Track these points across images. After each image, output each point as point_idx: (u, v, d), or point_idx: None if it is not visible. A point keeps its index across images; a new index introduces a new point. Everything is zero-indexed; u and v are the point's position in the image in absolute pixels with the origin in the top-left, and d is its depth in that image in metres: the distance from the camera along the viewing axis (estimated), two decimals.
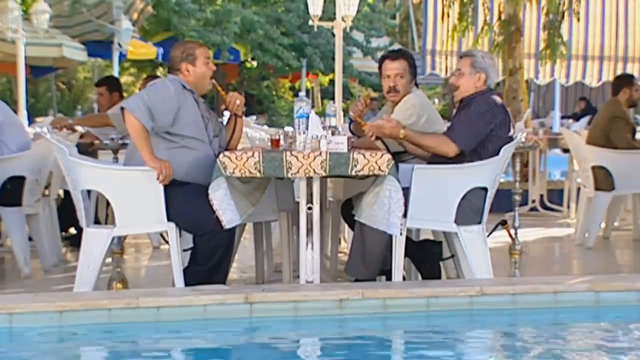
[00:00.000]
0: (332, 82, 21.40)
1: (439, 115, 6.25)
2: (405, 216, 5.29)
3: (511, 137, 5.60)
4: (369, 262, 5.45)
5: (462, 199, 5.45)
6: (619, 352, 4.64)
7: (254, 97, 27.60)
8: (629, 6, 13.72)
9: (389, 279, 5.47)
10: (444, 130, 5.85)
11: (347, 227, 6.29)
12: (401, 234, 5.30)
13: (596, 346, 4.79)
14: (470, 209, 5.49)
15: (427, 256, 5.76)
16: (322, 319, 5.01)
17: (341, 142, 5.26)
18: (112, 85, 8.43)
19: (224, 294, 5.01)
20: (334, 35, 10.98)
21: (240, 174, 5.21)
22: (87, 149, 7.11)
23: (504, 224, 5.92)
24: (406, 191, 5.29)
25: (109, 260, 5.78)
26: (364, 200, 5.42)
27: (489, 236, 5.63)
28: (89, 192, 5.68)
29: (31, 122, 13.49)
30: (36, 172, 6.56)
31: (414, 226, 5.57)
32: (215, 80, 5.67)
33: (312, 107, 5.80)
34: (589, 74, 14.03)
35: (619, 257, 7.91)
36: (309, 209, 5.30)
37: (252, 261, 6.25)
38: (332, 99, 11.30)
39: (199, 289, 5.12)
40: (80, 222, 5.56)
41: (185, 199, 5.33)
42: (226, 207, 5.20)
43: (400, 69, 5.94)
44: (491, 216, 5.67)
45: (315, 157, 5.17)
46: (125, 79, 26.53)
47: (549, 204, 10.27)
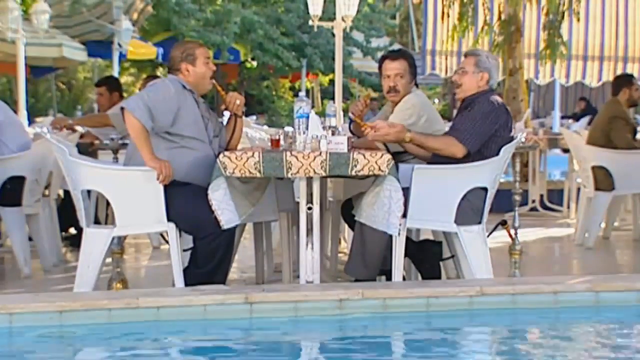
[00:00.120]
0: (332, 82, 21.40)
1: (439, 115, 6.24)
2: (405, 216, 5.29)
3: (512, 137, 5.60)
4: (369, 262, 5.44)
5: (462, 199, 5.45)
6: (619, 352, 4.64)
7: (254, 97, 27.60)
8: (629, 6, 13.73)
9: (389, 279, 5.47)
10: (444, 130, 5.86)
11: (347, 227, 6.29)
12: (401, 234, 5.30)
13: (596, 346, 4.78)
14: (470, 209, 5.49)
15: (427, 256, 5.76)
16: (322, 319, 5.00)
17: (341, 142, 5.26)
18: (112, 85, 8.44)
19: (224, 294, 5.01)
20: (334, 35, 10.97)
21: (240, 174, 5.21)
22: (87, 149, 7.11)
23: (504, 224, 5.92)
24: (406, 191, 5.28)
25: (109, 260, 5.78)
26: (364, 200, 5.41)
27: (489, 236, 5.63)
28: (89, 192, 5.67)
29: (31, 122, 13.49)
30: (36, 172, 6.56)
31: (414, 226, 5.57)
32: (215, 80, 5.68)
33: (312, 107, 5.80)
34: (589, 74, 14.03)
35: (619, 257, 7.90)
36: (309, 209, 5.29)
37: (252, 261, 6.25)
38: (332, 99, 11.30)
39: (199, 289, 5.12)
40: (80, 222, 5.56)
41: (185, 199, 5.33)
42: (225, 208, 5.20)
43: (400, 69, 5.94)
44: (491, 216, 5.66)
45: (315, 157, 5.17)
46: (125, 79, 26.53)
47: (549, 204, 10.27)
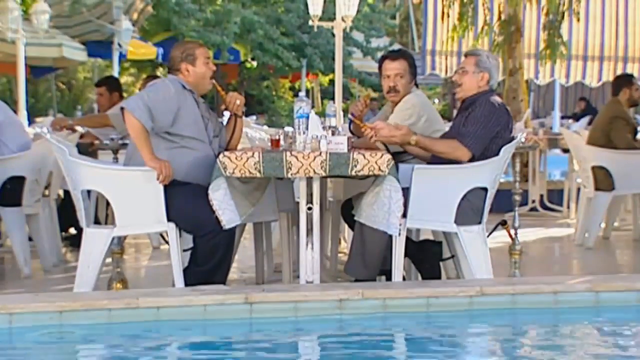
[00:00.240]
0: (332, 82, 21.40)
1: (439, 115, 6.24)
2: (405, 216, 5.29)
3: (512, 137, 5.60)
4: (369, 262, 5.44)
5: (462, 199, 5.45)
6: (619, 352, 4.63)
7: (254, 97, 27.60)
8: (629, 6, 13.73)
9: (389, 279, 5.47)
10: (444, 130, 5.86)
11: (347, 227, 6.29)
12: (401, 234, 5.30)
13: (596, 346, 4.78)
14: (470, 209, 5.49)
15: (427, 256, 5.76)
16: (322, 319, 5.00)
17: (341, 142, 5.26)
18: (112, 85, 8.44)
19: (224, 294, 5.01)
20: (334, 35, 10.96)
21: (240, 174, 5.21)
22: (87, 149, 7.11)
23: (504, 224, 5.92)
24: (406, 191, 5.28)
25: (109, 260, 5.78)
26: (363, 200, 5.41)
27: (489, 236, 5.63)
28: (89, 192, 5.68)
29: (31, 122, 13.49)
30: (36, 172, 6.56)
31: (413, 226, 5.57)
32: (215, 80, 5.68)
33: (312, 107, 5.79)
34: (589, 74, 14.04)
35: (619, 257, 7.90)
36: (309, 209, 5.29)
37: (252, 261, 6.25)
38: (332, 99, 11.29)
39: (199, 289, 5.12)
40: (80, 222, 5.56)
41: (185, 199, 5.33)
42: (226, 207, 5.20)
43: (400, 69, 5.94)
44: (491, 216, 5.66)
45: (315, 157, 5.17)
46: (125, 79, 26.54)
47: (549, 204, 10.27)
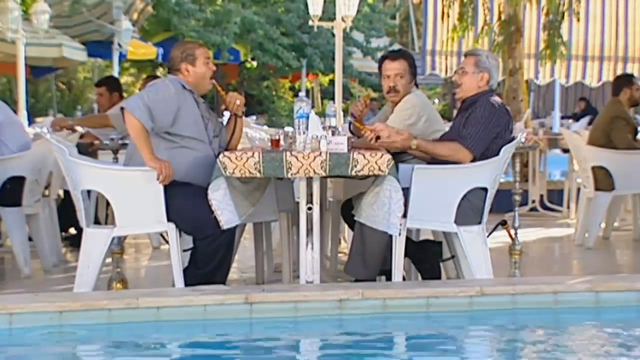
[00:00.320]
0: (332, 82, 21.40)
1: (439, 115, 6.24)
2: (405, 216, 5.29)
3: (512, 137, 5.59)
4: (369, 262, 5.44)
5: (462, 199, 5.45)
6: (619, 352, 4.63)
7: (254, 98, 27.60)
8: (629, 6, 13.72)
9: (389, 279, 5.46)
10: (445, 130, 5.86)
11: (347, 227, 6.29)
12: (401, 234, 5.30)
13: (596, 346, 4.78)
14: (470, 209, 5.49)
15: (427, 256, 5.76)
16: (322, 319, 5.00)
17: (341, 143, 5.26)
18: (112, 85, 8.44)
19: (224, 294, 5.01)
20: (334, 35, 10.96)
21: (240, 174, 5.21)
22: (87, 149, 7.11)
23: (504, 224, 5.92)
24: (406, 191, 5.28)
25: (109, 260, 5.78)
26: (363, 200, 5.41)
27: (489, 236, 5.63)
28: (89, 192, 5.68)
29: (31, 122, 13.48)
30: (36, 172, 6.57)
31: (414, 226, 5.57)
32: (215, 80, 5.68)
33: (312, 107, 5.79)
34: (588, 74, 14.03)
35: (619, 257, 7.90)
36: (309, 209, 5.29)
37: (252, 261, 6.25)
38: (332, 99, 11.28)
39: (199, 289, 5.12)
40: (80, 222, 5.56)
41: (185, 199, 5.33)
42: (225, 208, 5.20)
43: (400, 69, 5.93)
44: (491, 216, 5.66)
45: (315, 158, 5.17)
46: (125, 79, 26.54)
47: (549, 204, 10.27)
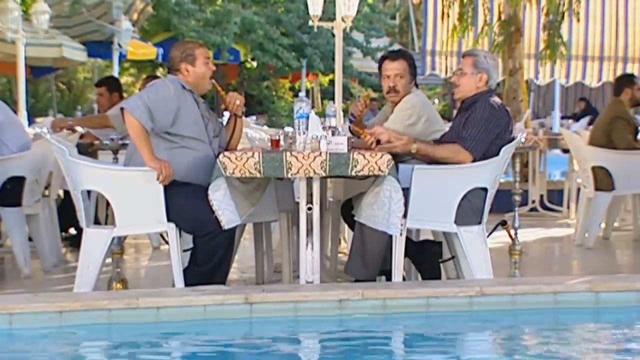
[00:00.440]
0: (332, 82, 21.40)
1: (439, 115, 6.24)
2: (405, 216, 5.29)
3: (512, 137, 5.59)
4: (369, 262, 5.44)
5: (462, 199, 5.45)
6: (619, 352, 4.63)
7: (253, 98, 27.60)
8: (629, 6, 13.72)
9: (389, 279, 5.46)
10: (445, 130, 5.86)
11: (347, 227, 6.29)
12: (401, 235, 5.30)
13: (596, 346, 4.78)
14: (470, 209, 5.49)
15: (427, 256, 5.76)
16: (322, 319, 5.00)
17: (341, 143, 5.26)
18: (112, 85, 8.44)
19: (224, 295, 5.01)
20: (334, 35, 10.96)
21: (240, 175, 5.21)
22: (87, 149, 7.11)
23: (504, 224, 5.92)
24: (406, 191, 5.28)
25: (109, 260, 5.78)
26: (363, 200, 5.41)
27: (488, 236, 5.63)
28: (89, 192, 5.68)
29: (31, 122, 13.48)
30: (36, 173, 6.56)
31: (414, 226, 5.57)
32: (215, 80, 5.67)
33: (312, 107, 5.79)
34: (588, 74, 14.03)
35: (619, 257, 7.90)
36: (309, 209, 5.29)
37: (252, 261, 6.25)
38: (332, 99, 11.28)
39: (199, 289, 5.12)
40: (80, 222, 5.56)
41: (185, 199, 5.33)
42: (225, 208, 5.20)
43: (400, 69, 5.93)
44: (491, 216, 5.66)
45: (315, 158, 5.17)
46: (125, 80, 26.53)
47: (549, 205, 10.27)
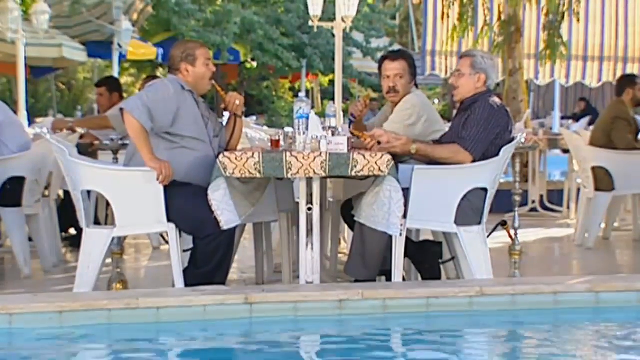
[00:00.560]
0: (332, 82, 21.41)
1: (439, 115, 6.24)
2: (405, 217, 5.29)
3: (512, 137, 5.59)
4: (369, 262, 5.44)
5: (462, 199, 5.45)
6: (619, 352, 4.64)
7: (253, 98, 27.60)
8: (629, 6, 13.72)
9: (389, 279, 5.46)
10: (445, 130, 5.86)
11: (347, 227, 6.29)
12: (401, 235, 5.30)
13: (596, 346, 4.78)
14: (470, 210, 5.49)
15: (427, 256, 5.76)
16: (322, 319, 5.00)
17: (341, 143, 5.26)
18: (112, 85, 8.44)
19: (224, 295, 5.01)
20: (333, 35, 10.95)
21: (240, 175, 5.21)
22: (87, 150, 7.11)
23: (504, 224, 5.92)
24: (406, 191, 5.28)
25: (109, 260, 5.78)
26: (363, 200, 5.41)
27: (488, 236, 5.63)
28: (89, 192, 5.67)
29: (31, 122, 13.48)
30: (36, 173, 6.56)
31: (414, 226, 5.57)
32: (215, 81, 5.67)
33: (312, 107, 5.80)
34: (588, 74, 14.03)
35: (619, 257, 7.90)
36: (309, 209, 5.29)
37: (252, 261, 6.25)
38: (332, 99, 11.27)
39: (199, 290, 5.12)
40: (80, 222, 5.56)
41: (185, 199, 5.33)
42: (225, 208, 5.20)
43: (399, 69, 5.94)
44: (491, 216, 5.66)
45: (315, 158, 5.17)
46: (125, 80, 26.54)
47: (549, 205, 10.27)
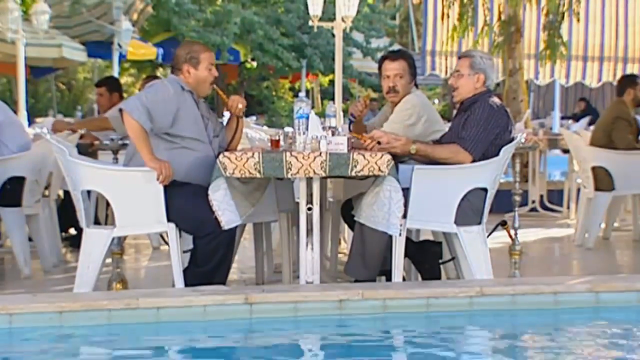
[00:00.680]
0: (332, 82, 21.41)
1: (439, 115, 6.24)
2: (405, 217, 5.29)
3: (512, 138, 5.60)
4: (369, 262, 5.44)
5: (462, 199, 5.45)
6: (619, 352, 4.64)
7: (253, 98, 27.59)
8: (629, 6, 13.73)
9: (389, 279, 5.46)
10: (445, 130, 5.86)
11: (347, 227, 6.29)
12: (401, 235, 5.30)
13: (596, 347, 4.78)
14: (470, 210, 5.49)
15: (427, 256, 5.76)
16: (322, 319, 5.00)
17: (341, 143, 5.26)
18: (112, 85, 8.44)
19: (224, 295, 5.01)
20: (333, 35, 10.96)
21: (240, 175, 5.21)
22: (87, 150, 7.11)
23: (503, 224, 5.92)
24: (406, 192, 5.28)
25: (109, 260, 5.78)
26: (363, 200, 5.41)
27: (488, 237, 5.63)
28: (89, 192, 5.67)
29: (31, 122, 13.48)
30: (36, 173, 6.56)
31: (413, 227, 5.57)
32: (216, 85, 5.64)
33: (312, 107, 5.80)
34: (588, 74, 14.03)
35: (619, 257, 7.90)
36: (309, 209, 5.29)
37: (252, 261, 6.25)
38: (332, 99, 11.29)
39: (199, 290, 5.12)
40: (80, 222, 5.56)
41: (185, 199, 5.33)
42: (225, 208, 5.20)
43: (399, 69, 5.94)
44: (491, 217, 5.66)
45: (315, 158, 5.17)
46: (125, 80, 26.54)
47: (549, 205, 10.27)
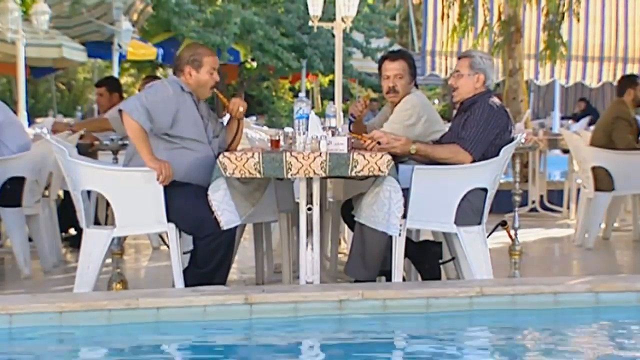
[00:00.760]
0: (332, 82, 21.41)
1: (439, 115, 6.24)
2: (405, 217, 5.29)
3: (512, 138, 5.60)
4: (369, 262, 5.44)
5: (462, 199, 5.45)
6: (619, 352, 4.64)
7: (253, 98, 27.58)
8: (629, 6, 13.73)
9: (389, 279, 5.47)
10: (444, 130, 5.86)
11: (347, 227, 6.29)
12: (401, 235, 5.30)
13: (596, 347, 4.78)
14: (470, 210, 5.49)
15: (427, 257, 5.76)
16: (322, 319, 5.00)
17: (341, 143, 5.26)
18: (112, 85, 8.44)
19: (223, 295, 5.01)
20: (333, 36, 10.96)
21: (240, 175, 5.21)
22: (87, 150, 7.11)
23: (503, 224, 5.93)
24: (406, 192, 5.28)
25: (109, 261, 5.78)
26: (363, 200, 5.41)
27: (488, 237, 5.63)
28: (88, 192, 5.68)
29: (31, 122, 13.49)
30: (36, 173, 6.56)
31: (413, 227, 5.57)
32: (217, 89, 5.64)
33: (312, 107, 5.80)
34: (588, 74, 14.03)
35: (619, 257, 7.90)
36: (309, 209, 5.30)
37: (252, 262, 6.25)
38: (332, 99, 11.28)
39: (199, 290, 5.12)
40: (80, 222, 5.56)
41: (185, 199, 5.33)
42: (225, 208, 5.20)
43: (399, 69, 5.94)
44: (491, 217, 5.66)
45: (315, 158, 5.17)
46: (125, 80, 26.54)
47: (549, 205, 10.27)
